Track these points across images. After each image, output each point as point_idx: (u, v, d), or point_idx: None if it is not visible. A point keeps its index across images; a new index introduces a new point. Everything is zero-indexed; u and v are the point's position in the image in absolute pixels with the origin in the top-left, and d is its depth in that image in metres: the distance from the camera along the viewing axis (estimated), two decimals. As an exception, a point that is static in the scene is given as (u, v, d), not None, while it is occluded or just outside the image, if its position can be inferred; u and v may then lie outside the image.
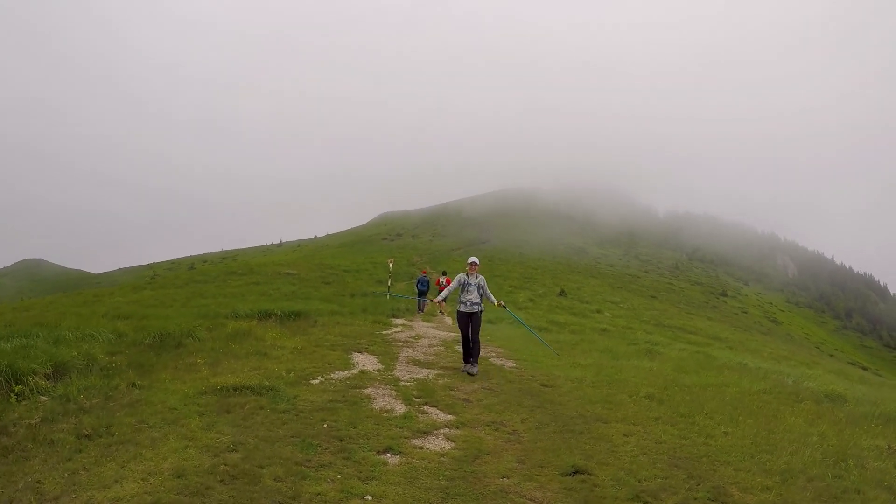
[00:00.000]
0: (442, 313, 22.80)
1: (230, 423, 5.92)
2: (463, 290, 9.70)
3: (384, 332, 14.17)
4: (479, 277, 9.86)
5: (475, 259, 9.94)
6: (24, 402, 6.17)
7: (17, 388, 6.43)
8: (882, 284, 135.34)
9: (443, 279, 24.21)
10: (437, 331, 16.02)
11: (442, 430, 6.09)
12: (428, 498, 4.49)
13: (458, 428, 6.23)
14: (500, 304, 10.16)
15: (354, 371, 8.84)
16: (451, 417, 6.61)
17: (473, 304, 9.65)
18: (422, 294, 23.97)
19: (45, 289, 75.39)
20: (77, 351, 8.40)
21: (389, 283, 28.79)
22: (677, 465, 5.44)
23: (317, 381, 7.98)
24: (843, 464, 5.94)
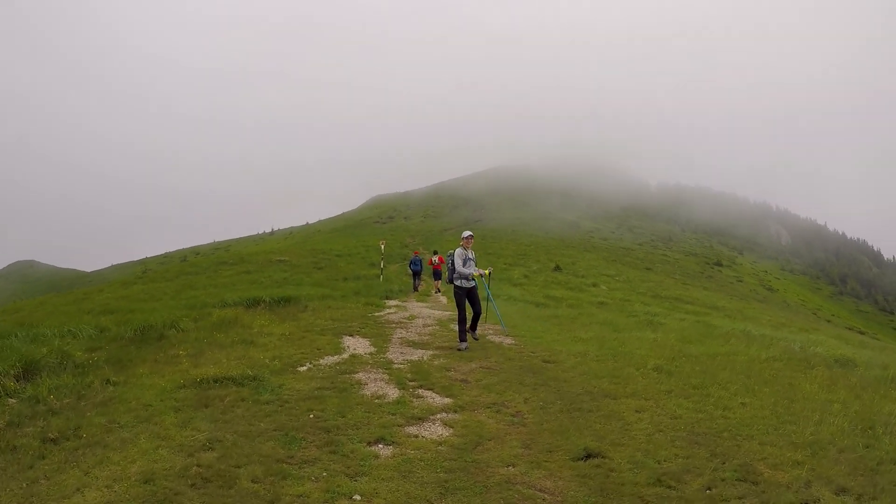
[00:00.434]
0: (438, 292, 22.47)
1: (208, 418, 5.43)
2: (464, 264, 9.66)
3: (377, 314, 13.67)
4: (471, 251, 9.90)
5: (471, 232, 9.98)
6: (-11, 407, 5.68)
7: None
8: (875, 249, 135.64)
9: (434, 258, 24.15)
10: (432, 310, 15.53)
11: (439, 416, 5.59)
12: (424, 494, 3.99)
13: (456, 412, 5.72)
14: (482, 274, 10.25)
15: (345, 356, 8.34)
16: (448, 401, 6.11)
17: (472, 280, 9.67)
18: (416, 274, 23.84)
19: (38, 290, 74.50)
20: (50, 348, 7.89)
21: (382, 266, 28.31)
22: (697, 443, 4.98)
23: (304, 367, 7.48)
24: (870, 431, 5.56)
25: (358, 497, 3.92)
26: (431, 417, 5.51)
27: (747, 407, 6.19)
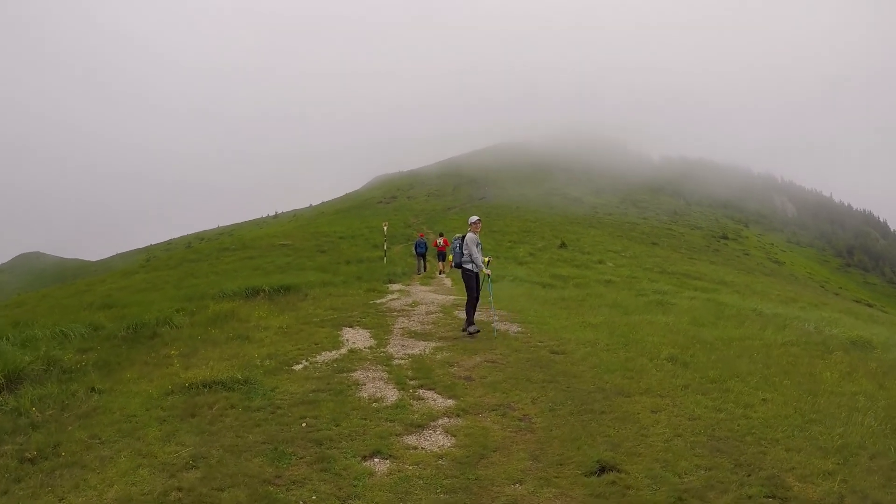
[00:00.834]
0: (442, 273, 22.17)
1: (194, 429, 5.09)
2: (477, 248, 9.48)
3: (379, 301, 13.31)
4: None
5: (478, 217, 9.73)
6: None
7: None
8: (882, 220, 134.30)
9: (440, 240, 23.98)
10: (436, 295, 15.17)
11: (440, 421, 5.21)
12: (422, 522, 3.64)
13: (458, 416, 5.34)
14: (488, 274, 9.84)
15: (343, 350, 7.98)
16: (450, 402, 5.72)
17: (481, 263, 9.44)
18: (421, 256, 23.72)
19: (44, 281, 74.54)
20: (36, 355, 7.54)
21: (385, 248, 27.97)
22: (720, 450, 4.60)
23: (300, 366, 7.13)
24: (901, 430, 5.16)
25: (349, 526, 3.57)
26: (432, 424, 5.13)
27: (769, 403, 5.81)
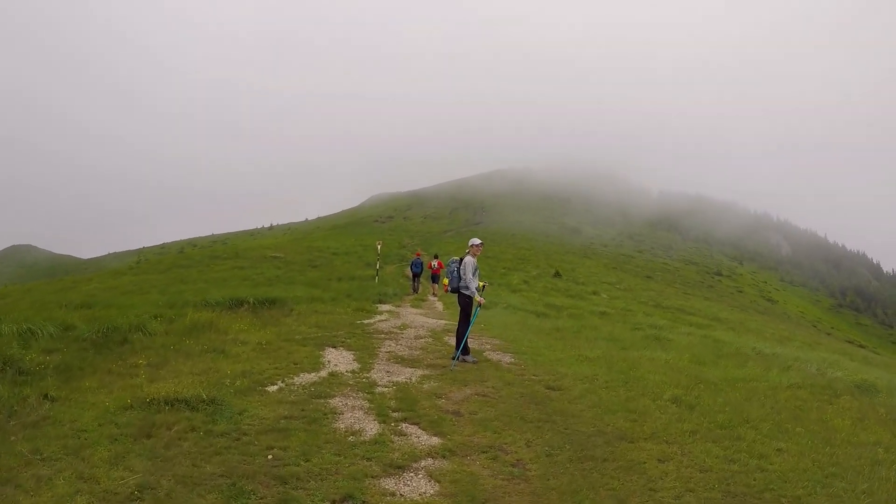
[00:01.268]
0: (434, 296, 21.77)
1: (147, 453, 4.52)
2: (474, 273, 9.05)
3: (366, 322, 12.73)
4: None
5: (480, 241, 9.26)
6: None
7: None
8: (875, 262, 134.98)
9: (434, 262, 23.98)
10: (426, 318, 14.61)
11: (423, 462, 4.63)
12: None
13: (444, 457, 4.76)
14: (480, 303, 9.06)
15: (323, 373, 7.40)
16: (435, 441, 5.14)
17: (475, 290, 8.93)
18: (415, 276, 23.76)
19: (33, 275, 73.58)
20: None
21: (378, 266, 27.46)
22: (738, 510, 4.08)
23: (275, 387, 6.55)
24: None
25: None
26: (414, 465, 4.54)
27: (784, 454, 5.30)
